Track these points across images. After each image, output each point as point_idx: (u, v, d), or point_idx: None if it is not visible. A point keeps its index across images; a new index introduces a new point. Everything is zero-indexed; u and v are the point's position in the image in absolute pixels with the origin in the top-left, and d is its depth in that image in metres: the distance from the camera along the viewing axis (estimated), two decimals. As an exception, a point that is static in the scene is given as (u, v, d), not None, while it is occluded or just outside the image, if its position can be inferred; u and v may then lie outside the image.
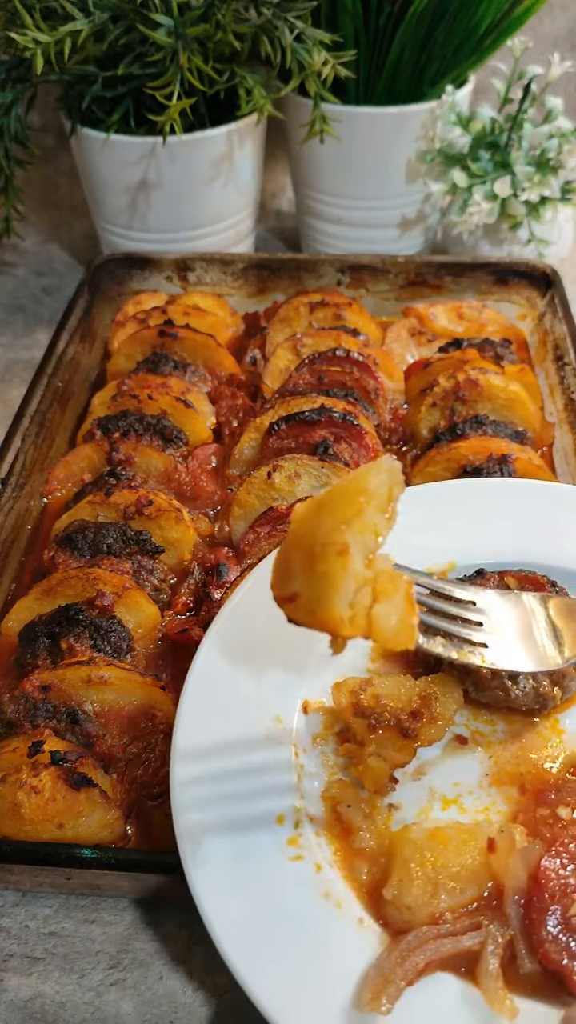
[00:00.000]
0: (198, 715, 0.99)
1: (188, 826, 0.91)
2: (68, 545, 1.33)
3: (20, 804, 1.01)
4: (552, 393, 1.61)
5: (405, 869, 0.89)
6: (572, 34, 2.36)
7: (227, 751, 0.97)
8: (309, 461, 1.38)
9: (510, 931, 0.85)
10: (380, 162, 1.92)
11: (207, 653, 1.05)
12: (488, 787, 1.00)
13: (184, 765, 0.95)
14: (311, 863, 0.90)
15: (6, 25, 1.63)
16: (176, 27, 1.61)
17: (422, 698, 1.00)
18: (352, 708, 0.99)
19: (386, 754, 0.96)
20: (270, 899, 0.87)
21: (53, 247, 2.36)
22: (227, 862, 0.89)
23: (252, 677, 1.04)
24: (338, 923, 0.87)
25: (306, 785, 0.97)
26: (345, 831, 0.95)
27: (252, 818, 0.92)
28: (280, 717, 1.01)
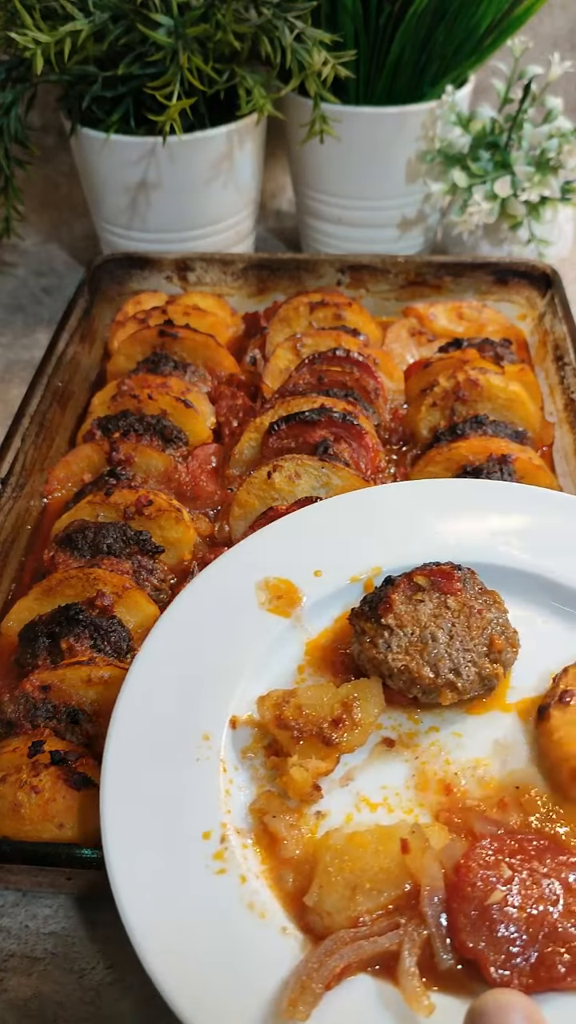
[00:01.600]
0: (128, 737, 1.00)
1: (116, 844, 0.92)
2: (68, 545, 1.33)
3: (20, 804, 1.01)
4: (552, 393, 1.61)
5: (325, 875, 0.89)
6: (572, 34, 2.36)
7: (156, 771, 0.98)
8: (309, 461, 1.38)
9: (427, 929, 0.86)
10: (380, 162, 1.92)
11: (137, 674, 1.06)
12: (414, 788, 1.00)
13: (114, 784, 0.96)
14: (236, 875, 0.91)
15: (6, 25, 1.63)
16: (176, 27, 1.61)
17: (343, 705, 1.00)
18: (275, 720, 1.00)
19: (309, 764, 0.97)
20: (194, 913, 0.88)
21: (53, 247, 2.36)
22: (153, 878, 0.90)
23: (180, 696, 1.04)
24: (261, 933, 0.87)
25: (235, 799, 0.98)
26: (272, 841, 0.95)
27: (178, 834, 0.93)
28: (208, 735, 1.02)
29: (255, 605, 1.14)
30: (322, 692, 1.02)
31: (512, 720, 1.05)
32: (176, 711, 1.03)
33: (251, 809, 0.98)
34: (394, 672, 1.02)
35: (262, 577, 1.16)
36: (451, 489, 1.26)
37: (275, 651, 1.11)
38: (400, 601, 1.05)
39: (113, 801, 0.95)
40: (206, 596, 1.14)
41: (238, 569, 1.17)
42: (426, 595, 1.06)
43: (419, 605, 1.05)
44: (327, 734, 0.98)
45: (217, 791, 0.97)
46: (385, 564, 1.17)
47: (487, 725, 1.05)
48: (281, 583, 1.16)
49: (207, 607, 1.13)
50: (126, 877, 0.89)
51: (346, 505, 1.25)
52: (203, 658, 1.08)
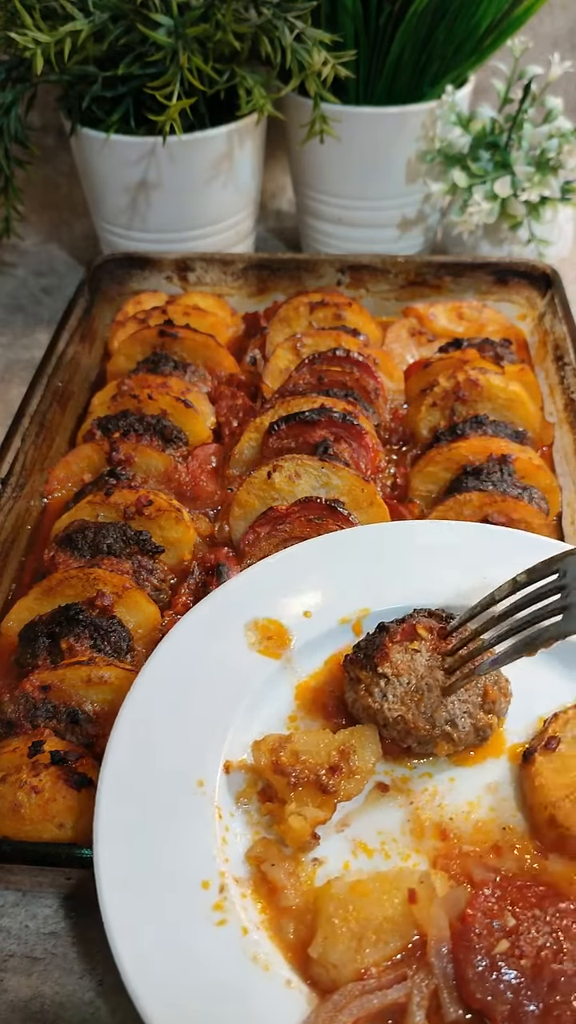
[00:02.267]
0: (121, 784, 0.98)
1: (113, 898, 0.90)
2: (68, 545, 1.33)
3: (20, 804, 1.01)
4: (552, 393, 1.61)
5: (329, 926, 0.88)
6: (572, 34, 2.36)
7: (150, 819, 0.96)
8: (309, 461, 1.38)
9: (435, 980, 0.85)
10: (380, 162, 1.92)
11: (128, 716, 1.04)
12: (410, 833, 0.99)
13: (108, 836, 0.94)
14: (237, 927, 0.89)
15: (6, 25, 1.63)
16: (176, 27, 1.61)
17: (340, 752, 0.99)
18: (272, 766, 0.98)
19: (306, 811, 0.96)
20: (196, 965, 0.86)
21: (53, 247, 2.36)
22: (153, 931, 0.88)
23: (172, 742, 1.03)
24: (266, 986, 0.86)
25: (231, 847, 0.97)
26: (271, 890, 0.94)
27: (177, 885, 0.92)
28: (202, 781, 1.00)
29: (245, 646, 1.13)
30: (319, 738, 1.01)
31: (504, 764, 1.05)
32: (169, 756, 1.01)
33: (248, 857, 0.97)
34: (390, 722, 1.02)
35: (251, 618, 1.15)
36: (441, 530, 1.25)
37: (266, 693, 1.10)
38: (396, 650, 1.04)
39: (108, 852, 0.93)
40: (196, 636, 1.12)
41: (227, 609, 1.16)
42: (422, 644, 1.05)
43: (415, 655, 1.04)
44: (324, 782, 0.97)
45: (214, 839, 0.96)
46: (374, 606, 1.17)
47: (480, 769, 1.05)
48: (271, 624, 1.15)
49: (197, 647, 1.11)
50: (125, 931, 0.88)
51: (335, 544, 1.23)
52: (194, 701, 1.07)
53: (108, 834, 0.94)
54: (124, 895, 0.90)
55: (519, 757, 1.05)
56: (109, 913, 0.89)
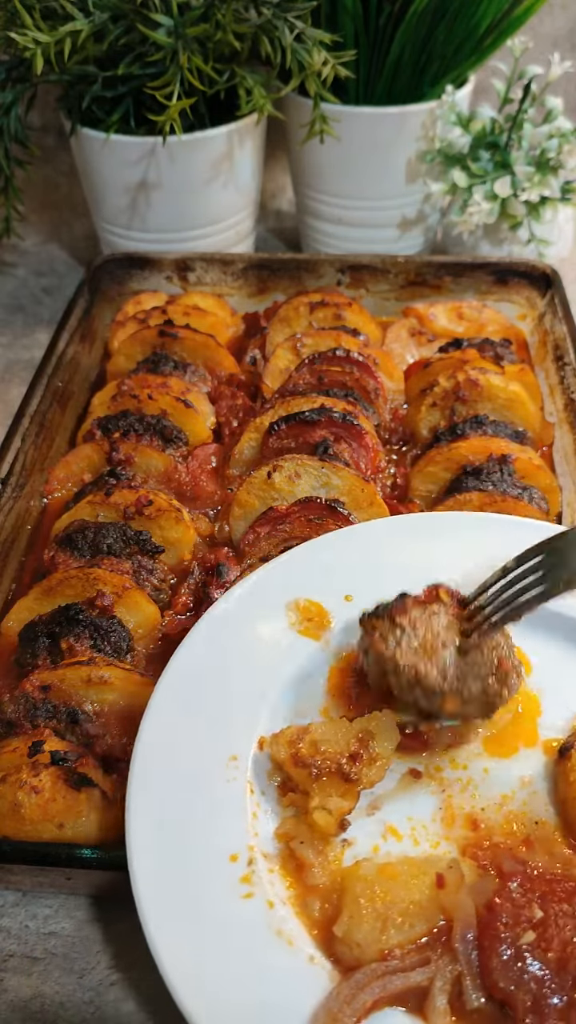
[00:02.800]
0: (155, 754, 0.99)
1: (141, 863, 0.91)
2: (68, 545, 1.33)
3: (20, 804, 1.01)
4: (552, 393, 1.61)
5: (355, 905, 0.89)
6: (572, 34, 2.36)
7: (183, 790, 0.97)
8: (309, 461, 1.37)
9: (458, 966, 0.85)
10: (380, 162, 1.92)
11: (165, 688, 1.05)
12: (441, 821, 0.99)
13: (140, 803, 0.95)
14: (263, 900, 0.90)
15: (6, 25, 1.63)
16: (176, 27, 1.61)
17: (359, 739, 0.99)
18: (292, 759, 0.98)
19: (330, 803, 0.96)
20: (221, 936, 0.87)
21: (53, 247, 2.36)
22: (180, 899, 0.89)
23: (208, 715, 1.04)
24: (289, 960, 0.87)
25: (261, 822, 0.97)
26: (299, 868, 0.94)
27: (206, 856, 0.92)
28: (236, 755, 1.01)
29: (285, 625, 1.13)
30: (337, 727, 1.01)
31: (539, 758, 1.05)
32: (204, 730, 1.02)
33: (277, 834, 0.97)
34: (400, 669, 1.00)
35: (293, 598, 1.15)
36: (483, 522, 1.25)
37: (304, 673, 1.10)
38: (415, 608, 1.04)
39: (139, 820, 0.93)
40: (236, 612, 1.13)
41: (269, 587, 1.16)
42: (441, 607, 1.04)
43: (433, 615, 1.03)
44: (346, 770, 0.97)
45: (245, 813, 0.96)
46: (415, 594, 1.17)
47: (515, 762, 1.05)
48: (312, 605, 1.15)
49: (237, 623, 1.12)
50: (153, 899, 0.88)
51: (380, 531, 1.24)
52: (232, 676, 1.07)
53: (140, 802, 0.95)
54: (153, 863, 0.91)
55: (555, 752, 1.05)
56: (138, 880, 0.89)
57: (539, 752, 1.06)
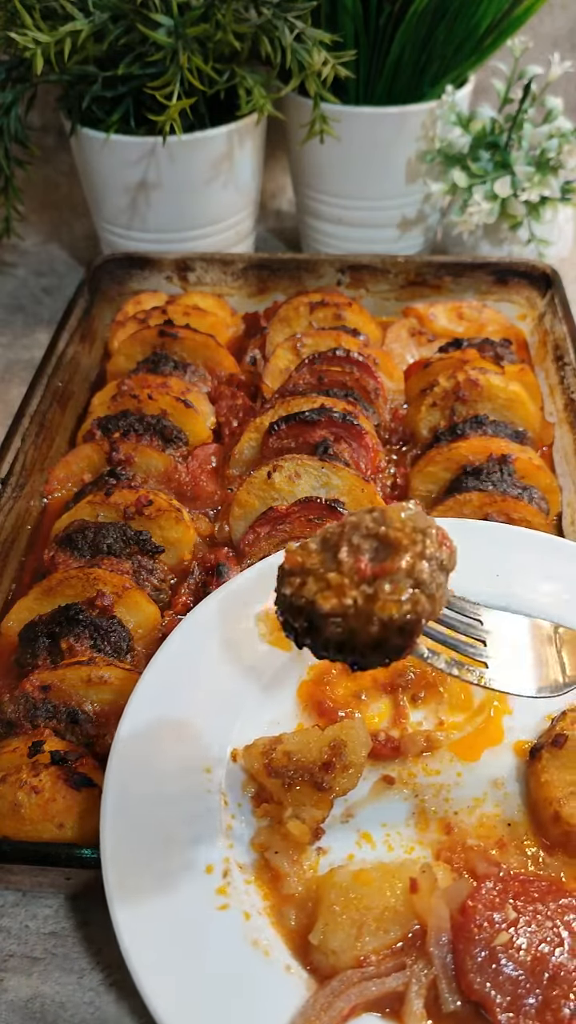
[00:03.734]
0: (129, 769, 0.99)
1: (117, 877, 0.91)
2: (68, 545, 1.33)
3: (20, 804, 1.01)
4: (552, 393, 1.61)
5: (330, 913, 0.89)
6: (572, 34, 2.36)
7: (157, 803, 0.97)
8: (309, 461, 1.37)
9: (434, 970, 0.85)
10: (380, 162, 1.92)
11: (138, 702, 1.05)
12: (414, 826, 1.00)
13: (115, 817, 0.95)
14: (239, 912, 0.90)
15: (6, 25, 1.63)
16: (176, 27, 1.61)
17: (331, 748, 0.99)
18: (264, 769, 0.99)
19: (304, 813, 0.96)
20: (197, 948, 0.87)
21: (53, 247, 2.36)
22: (155, 912, 0.89)
23: (181, 727, 1.04)
24: (266, 971, 0.87)
25: (236, 833, 0.97)
26: (274, 878, 0.95)
27: (181, 868, 0.93)
28: (209, 767, 1.01)
29: (256, 636, 1.13)
30: (308, 737, 1.01)
31: (510, 761, 1.06)
32: (177, 743, 1.02)
33: (252, 844, 0.97)
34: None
35: (263, 608, 1.15)
36: (454, 527, 1.25)
37: (275, 683, 1.11)
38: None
39: (114, 834, 0.93)
40: (207, 625, 1.13)
41: (240, 599, 1.16)
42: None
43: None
44: (319, 779, 0.97)
45: (219, 825, 0.97)
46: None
47: (487, 765, 1.05)
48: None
49: (208, 636, 1.12)
50: (129, 912, 0.88)
51: None
52: (204, 689, 1.07)
53: (114, 816, 0.95)
54: (128, 875, 0.91)
55: (526, 754, 1.05)
56: (113, 893, 0.89)
57: (510, 754, 1.06)
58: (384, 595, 0.76)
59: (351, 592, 0.77)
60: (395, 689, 1.12)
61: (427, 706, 1.12)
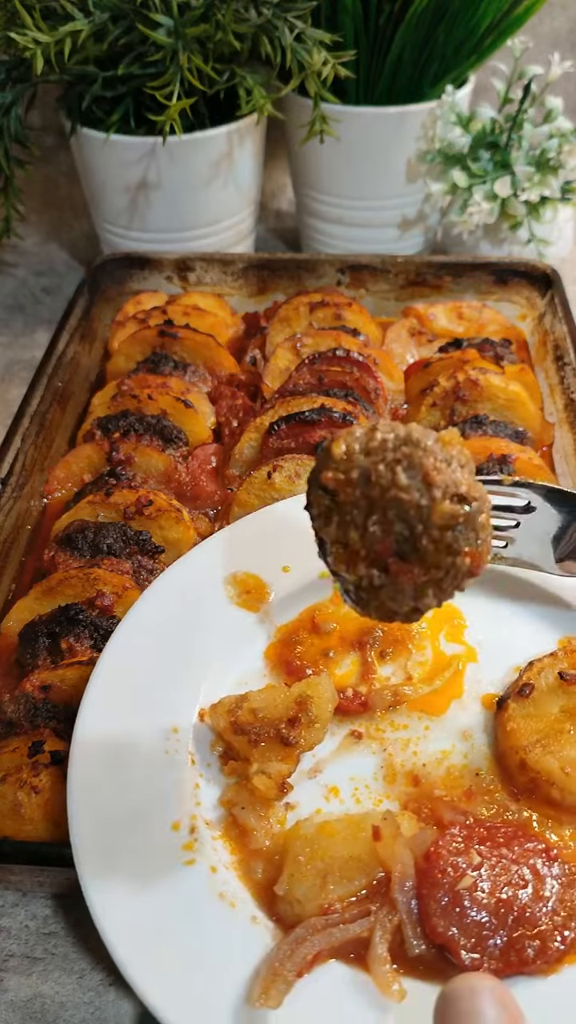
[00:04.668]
0: (96, 729, 1.00)
1: (82, 832, 0.92)
2: (68, 545, 1.33)
3: (20, 804, 1.01)
4: (552, 393, 1.61)
5: (295, 864, 0.90)
6: (572, 34, 2.36)
7: (125, 763, 0.98)
8: (309, 461, 1.38)
9: (398, 915, 0.86)
10: (380, 162, 1.92)
11: (106, 665, 1.06)
12: (383, 780, 1.01)
13: (82, 776, 0.96)
14: (206, 866, 0.91)
15: (6, 25, 1.63)
16: (176, 27, 1.61)
17: (297, 703, 1.00)
18: (231, 727, 1.00)
19: (270, 767, 0.97)
20: (163, 902, 0.88)
21: (53, 247, 2.36)
22: (122, 868, 0.90)
23: (148, 689, 1.05)
24: (231, 922, 0.88)
25: (204, 792, 0.99)
26: (242, 833, 0.96)
27: (147, 826, 0.94)
28: (176, 727, 1.02)
29: (224, 599, 1.15)
30: (274, 693, 1.02)
31: (478, 712, 1.07)
32: (145, 704, 1.03)
33: (220, 801, 0.98)
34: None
35: (231, 572, 1.17)
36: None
37: (243, 644, 1.13)
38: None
39: (81, 793, 0.94)
40: (175, 589, 1.15)
41: (207, 564, 1.18)
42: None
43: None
44: (285, 735, 0.98)
45: (186, 783, 0.98)
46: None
47: (454, 717, 1.07)
48: (249, 578, 1.17)
49: (176, 600, 1.14)
50: (94, 870, 0.90)
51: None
52: (172, 651, 1.09)
53: (81, 775, 0.96)
54: (94, 835, 0.92)
55: (493, 706, 1.07)
56: (80, 852, 0.90)
57: (478, 706, 1.08)
58: (386, 595, 0.77)
59: (362, 568, 0.76)
60: (363, 646, 1.14)
61: (395, 662, 1.13)
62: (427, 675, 1.11)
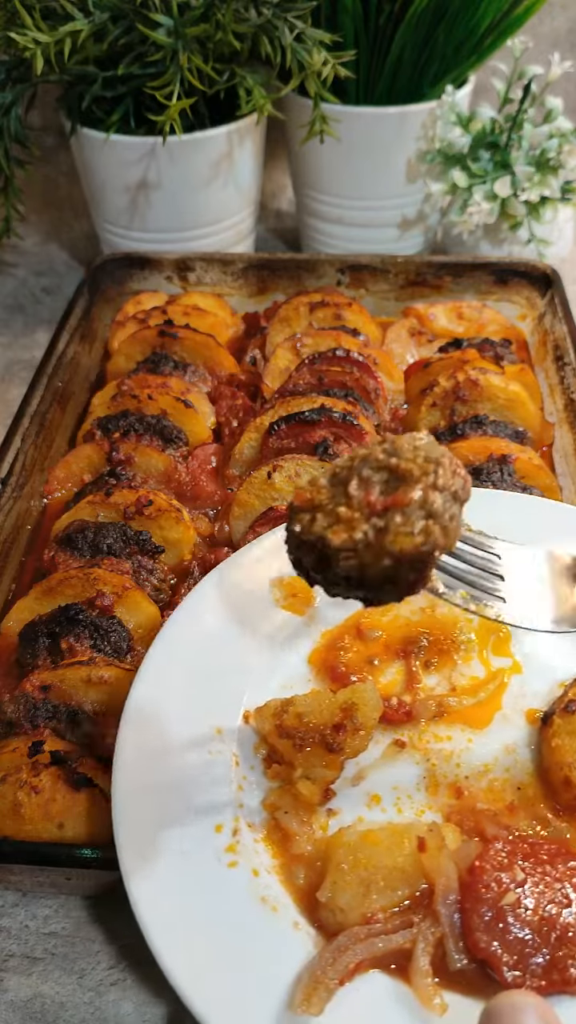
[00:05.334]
0: (140, 729, 1.00)
1: (128, 833, 0.92)
2: (68, 545, 1.33)
3: (20, 804, 1.01)
4: (552, 393, 1.61)
5: (338, 871, 0.90)
6: (572, 34, 2.36)
7: (169, 764, 0.98)
8: (309, 461, 1.38)
9: (441, 928, 0.86)
10: (380, 162, 1.92)
11: (151, 665, 1.06)
12: (425, 790, 1.01)
13: (125, 777, 0.96)
14: (248, 869, 0.91)
15: (6, 25, 1.63)
16: (176, 27, 1.61)
17: (343, 710, 0.99)
18: (276, 730, 0.99)
19: (314, 773, 0.97)
20: (205, 904, 0.88)
21: (53, 247, 2.36)
22: (164, 868, 0.90)
23: (193, 690, 1.05)
24: (273, 927, 0.88)
25: (247, 793, 0.98)
26: (284, 838, 0.96)
27: (190, 826, 0.94)
28: (220, 729, 1.02)
29: (270, 601, 1.15)
30: (320, 699, 1.01)
31: (522, 727, 1.06)
32: (189, 704, 1.03)
33: (263, 805, 0.98)
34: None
35: (277, 575, 1.16)
36: (481, 497, 1.24)
37: (287, 648, 1.12)
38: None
39: (125, 793, 0.95)
40: (222, 590, 1.14)
41: (255, 565, 1.17)
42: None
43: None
44: (330, 741, 0.98)
45: (230, 784, 0.98)
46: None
47: (498, 731, 1.06)
48: (296, 581, 1.16)
49: (222, 601, 1.13)
50: (138, 870, 0.89)
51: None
52: (217, 651, 1.08)
53: (126, 774, 0.95)
54: (137, 831, 0.92)
55: (537, 721, 1.06)
56: (123, 848, 0.90)
57: (522, 721, 1.07)
58: (395, 528, 0.74)
59: (361, 526, 0.75)
60: (408, 655, 1.13)
61: (440, 672, 1.12)
62: (472, 687, 1.10)
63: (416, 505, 0.74)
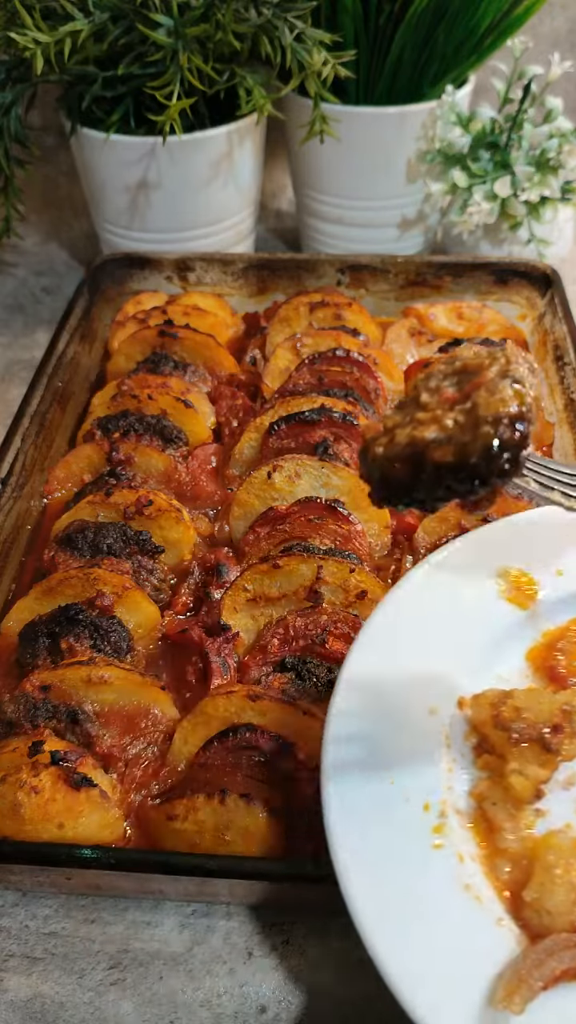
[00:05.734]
0: (353, 699, 0.98)
1: (335, 800, 0.91)
2: (68, 545, 1.33)
3: (20, 804, 1.01)
4: (552, 393, 1.61)
5: (547, 873, 0.87)
6: (572, 34, 2.36)
7: (381, 730, 0.97)
8: (309, 461, 1.38)
9: None
10: (380, 162, 1.92)
11: (368, 636, 1.04)
12: None
13: (336, 743, 0.95)
14: (453, 852, 0.90)
15: (6, 25, 1.63)
16: (176, 27, 1.61)
17: (563, 712, 0.97)
18: (492, 720, 0.97)
19: (528, 769, 0.95)
20: (410, 881, 0.87)
21: (53, 247, 2.36)
22: (372, 838, 0.90)
23: (410, 667, 1.03)
24: (477, 917, 0.87)
25: (456, 777, 0.97)
26: (490, 829, 0.94)
27: (400, 799, 0.93)
28: (435, 709, 1.00)
29: (494, 591, 1.12)
30: (540, 696, 0.99)
31: None
32: (407, 679, 1.01)
33: (471, 793, 0.97)
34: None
35: (503, 565, 1.14)
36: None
37: (507, 640, 1.09)
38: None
39: (336, 751, 0.93)
40: (447, 571, 1.12)
41: (481, 551, 1.15)
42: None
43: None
44: (548, 740, 0.95)
45: (440, 764, 0.96)
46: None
47: None
48: (522, 575, 1.13)
49: (445, 582, 1.11)
50: (346, 842, 0.89)
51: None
52: (438, 632, 1.06)
53: (337, 741, 0.95)
54: (347, 797, 0.91)
55: None
56: (331, 816, 0.90)
57: None
58: (484, 400, 0.74)
59: (448, 415, 0.75)
60: None
61: None
62: None
63: (498, 376, 0.75)
